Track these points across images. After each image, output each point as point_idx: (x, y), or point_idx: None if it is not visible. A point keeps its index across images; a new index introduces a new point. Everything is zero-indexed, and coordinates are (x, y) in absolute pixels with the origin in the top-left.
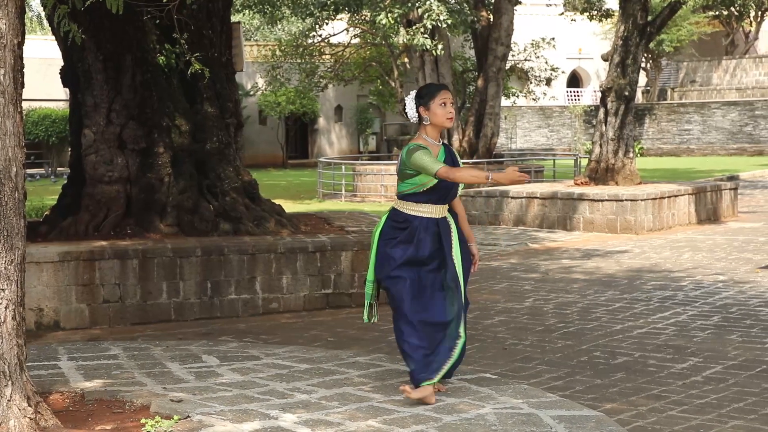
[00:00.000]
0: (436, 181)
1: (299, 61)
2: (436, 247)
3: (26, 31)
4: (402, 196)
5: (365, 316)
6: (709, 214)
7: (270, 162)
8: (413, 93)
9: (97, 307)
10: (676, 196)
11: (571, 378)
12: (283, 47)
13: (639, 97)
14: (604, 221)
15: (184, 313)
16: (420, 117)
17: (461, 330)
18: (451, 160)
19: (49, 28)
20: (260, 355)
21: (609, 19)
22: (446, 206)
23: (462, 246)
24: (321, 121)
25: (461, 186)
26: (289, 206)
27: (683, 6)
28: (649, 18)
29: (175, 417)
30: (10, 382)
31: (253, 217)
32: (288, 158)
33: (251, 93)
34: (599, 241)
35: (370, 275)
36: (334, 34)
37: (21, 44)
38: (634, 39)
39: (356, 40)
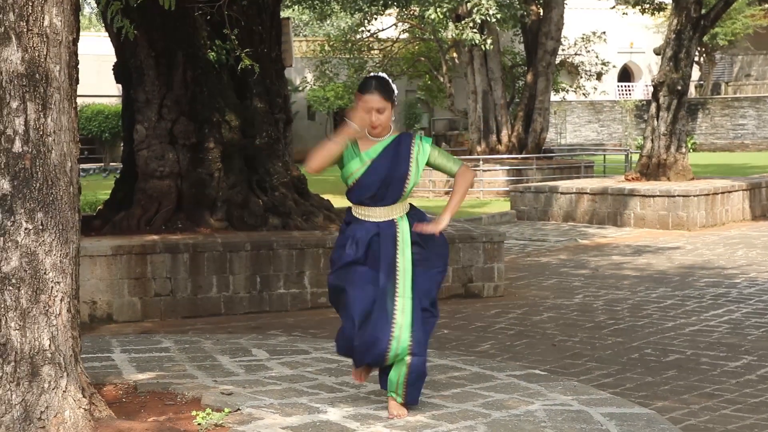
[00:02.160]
0: (350, 179)
1: (348, 56)
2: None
3: (80, 28)
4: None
5: None
6: (764, 210)
7: None
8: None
9: (148, 301)
10: (729, 191)
11: (621, 375)
12: (331, 42)
13: (692, 92)
14: (655, 217)
15: (234, 307)
16: None
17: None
18: (386, 164)
19: (103, 25)
20: (309, 349)
21: (661, 13)
22: (389, 208)
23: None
24: None
25: (410, 183)
26: (338, 201)
27: None
28: (703, 11)
29: (226, 410)
30: (65, 374)
31: (302, 211)
32: None
33: (300, 88)
34: (650, 237)
35: None
36: (383, 30)
37: (76, 41)
38: (688, 32)
39: (405, 35)
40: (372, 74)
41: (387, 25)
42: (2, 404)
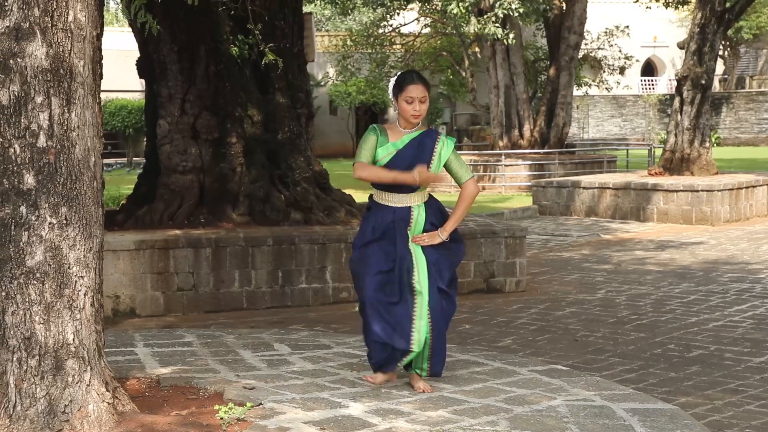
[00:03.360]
0: (378, 164)
1: (370, 51)
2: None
3: (104, 23)
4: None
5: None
6: None
7: (340, 152)
8: (395, 78)
9: (171, 295)
10: (754, 186)
11: (644, 371)
12: (354, 37)
13: (716, 86)
14: (678, 212)
15: (256, 301)
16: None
17: (409, 338)
18: (411, 153)
19: (126, 20)
20: (331, 344)
21: (685, 6)
22: (407, 195)
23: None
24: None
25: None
26: (359, 196)
27: None
28: (728, 4)
29: (248, 404)
30: (89, 368)
31: (324, 206)
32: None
33: (322, 83)
34: (674, 232)
35: None
36: (405, 24)
37: (100, 36)
38: (712, 26)
39: (427, 30)
40: (407, 70)
41: (409, 20)
42: (27, 397)
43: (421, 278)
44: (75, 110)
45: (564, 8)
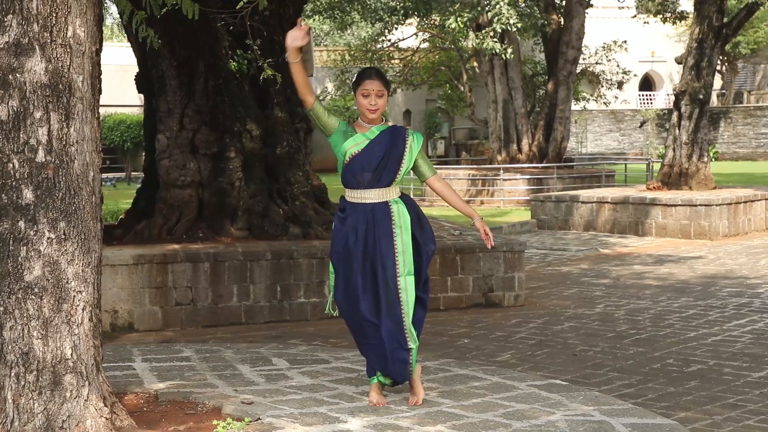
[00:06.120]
0: (348, 154)
1: (368, 65)
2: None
3: (103, 38)
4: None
5: (328, 308)
6: None
7: None
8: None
9: (169, 310)
10: (752, 201)
11: (643, 385)
12: (352, 52)
13: (714, 101)
14: (677, 226)
15: (255, 316)
16: None
17: (402, 338)
18: (385, 142)
19: (125, 35)
20: (329, 358)
21: (683, 22)
22: (384, 190)
23: (414, 236)
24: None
25: (405, 166)
26: None
27: (761, 7)
28: (725, 20)
29: (246, 419)
30: (87, 383)
31: (323, 221)
32: None
33: (321, 98)
34: (672, 246)
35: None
36: (404, 39)
37: (99, 51)
38: (710, 41)
39: (425, 45)
40: (368, 67)
41: (407, 35)
42: (25, 413)
43: (407, 269)
44: (74, 125)
45: (562, 23)
